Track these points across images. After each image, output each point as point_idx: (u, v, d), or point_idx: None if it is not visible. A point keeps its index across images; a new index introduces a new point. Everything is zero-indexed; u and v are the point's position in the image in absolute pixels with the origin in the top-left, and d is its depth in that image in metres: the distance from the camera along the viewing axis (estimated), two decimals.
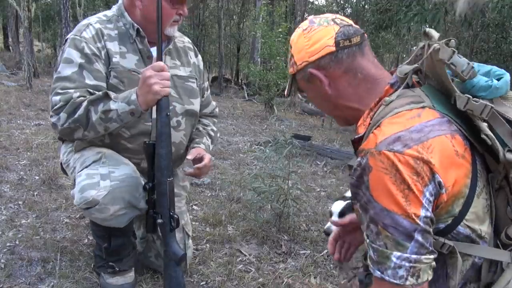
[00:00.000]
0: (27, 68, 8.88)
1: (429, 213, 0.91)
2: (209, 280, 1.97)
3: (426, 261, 0.91)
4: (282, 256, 2.28)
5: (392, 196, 0.90)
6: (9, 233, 2.20)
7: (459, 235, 0.97)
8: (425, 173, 0.90)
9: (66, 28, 5.40)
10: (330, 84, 1.07)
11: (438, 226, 0.97)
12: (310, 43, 1.06)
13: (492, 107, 0.94)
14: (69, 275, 1.84)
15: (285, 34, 9.05)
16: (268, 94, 8.95)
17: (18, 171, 3.26)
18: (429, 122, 0.95)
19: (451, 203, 0.94)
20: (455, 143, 0.95)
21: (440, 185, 0.90)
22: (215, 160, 4.35)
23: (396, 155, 0.90)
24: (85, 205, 1.54)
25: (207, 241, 2.36)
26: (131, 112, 1.51)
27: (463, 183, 0.94)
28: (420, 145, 0.91)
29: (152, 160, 1.50)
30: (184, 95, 1.83)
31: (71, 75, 1.59)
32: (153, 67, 1.47)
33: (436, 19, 7.65)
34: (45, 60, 16.33)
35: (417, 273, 0.91)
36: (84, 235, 2.26)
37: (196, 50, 2.00)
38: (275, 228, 2.55)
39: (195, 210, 2.82)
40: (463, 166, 0.95)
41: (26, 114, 5.88)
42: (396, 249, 0.91)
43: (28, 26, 9.30)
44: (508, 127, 0.95)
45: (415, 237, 0.90)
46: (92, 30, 1.66)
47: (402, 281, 0.91)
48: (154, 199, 1.53)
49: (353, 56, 1.05)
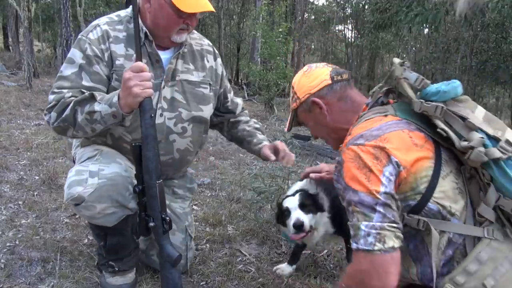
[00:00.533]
0: (27, 68, 8.88)
1: (388, 189, 1.13)
2: (209, 280, 1.96)
3: (389, 228, 1.12)
4: (282, 256, 2.28)
5: (358, 179, 1.15)
6: (9, 233, 2.20)
7: (430, 212, 1.16)
8: (383, 157, 1.15)
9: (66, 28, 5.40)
10: (327, 110, 1.37)
11: (408, 203, 1.17)
12: (310, 80, 1.40)
13: (443, 107, 1.18)
14: (69, 275, 1.84)
15: (285, 34, 9.05)
16: (268, 94, 8.94)
17: (18, 171, 3.26)
18: (388, 123, 1.21)
19: (413, 180, 1.15)
20: (413, 136, 1.19)
21: (398, 165, 1.14)
22: (215, 160, 4.35)
23: (359, 147, 1.18)
24: (72, 201, 1.54)
25: (207, 241, 2.36)
26: (113, 115, 1.50)
27: (423, 164, 1.16)
28: (378, 138, 1.17)
29: (140, 162, 1.48)
30: (193, 101, 1.81)
31: (70, 75, 1.61)
32: (132, 68, 1.44)
33: (437, 19, 7.65)
34: (45, 60, 16.32)
35: (383, 239, 1.11)
36: (84, 235, 2.26)
37: (216, 53, 1.96)
38: (275, 228, 2.55)
39: (195, 210, 2.82)
40: (422, 152, 1.17)
41: (26, 114, 5.88)
42: (364, 220, 1.13)
43: (28, 26, 9.29)
44: (461, 121, 1.17)
45: (377, 209, 1.12)
46: (98, 31, 1.66)
47: (372, 247, 1.11)
48: (145, 202, 1.50)
49: (344, 87, 1.39)
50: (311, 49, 19.76)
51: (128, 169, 1.65)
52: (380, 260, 1.11)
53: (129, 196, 1.60)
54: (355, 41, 16.92)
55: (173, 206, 1.95)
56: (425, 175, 1.16)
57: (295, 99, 1.44)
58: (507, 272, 1.11)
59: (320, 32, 17.88)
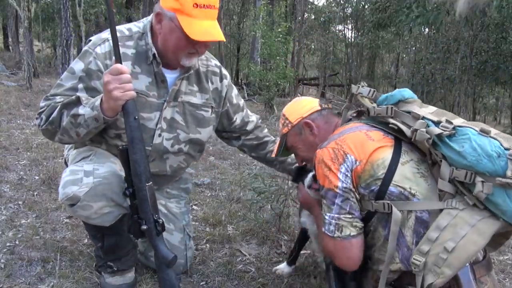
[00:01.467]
0: (27, 68, 8.87)
1: (345, 184, 1.34)
2: (209, 280, 1.97)
3: (344, 219, 1.36)
4: (282, 256, 2.28)
5: (322, 177, 1.39)
6: (9, 233, 2.20)
7: (392, 194, 1.32)
8: (340, 156, 1.36)
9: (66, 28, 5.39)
10: (317, 131, 1.59)
11: (371, 189, 1.34)
12: (301, 106, 1.65)
13: (393, 107, 1.39)
14: (69, 275, 1.84)
15: (285, 34, 9.04)
16: (268, 94, 8.93)
17: (18, 171, 3.26)
18: (349, 128, 1.45)
19: (370, 168, 1.33)
20: (370, 133, 1.39)
21: (353, 161, 1.35)
22: (215, 160, 4.35)
23: (322, 150, 1.41)
24: (67, 201, 1.54)
25: (207, 241, 2.36)
26: (95, 118, 1.49)
27: (380, 154, 1.34)
28: (337, 139, 1.39)
29: (128, 165, 1.47)
30: (192, 123, 1.79)
31: (67, 85, 1.60)
32: (111, 71, 1.41)
33: (438, 20, 7.65)
34: (45, 60, 16.31)
35: (340, 228, 1.36)
36: (84, 235, 2.26)
37: (222, 74, 1.91)
38: (275, 228, 2.55)
39: (195, 210, 2.82)
40: (379, 144, 1.36)
41: (26, 114, 5.87)
42: (327, 211, 1.39)
43: (28, 26, 9.28)
44: (409, 115, 1.36)
45: (336, 202, 1.36)
46: (107, 46, 1.63)
47: (332, 234, 1.37)
48: (136, 204, 1.50)
49: (329, 113, 1.64)
50: (311, 49, 19.74)
51: (122, 169, 1.64)
52: (341, 245, 1.37)
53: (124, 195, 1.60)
54: (355, 40, 16.91)
55: (169, 205, 1.95)
56: (381, 162, 1.33)
57: (286, 124, 1.65)
58: (467, 234, 1.21)
59: (320, 32, 17.87)
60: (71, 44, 5.47)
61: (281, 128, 1.68)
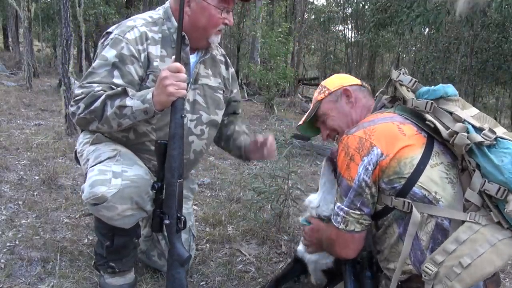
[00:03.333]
0: (27, 68, 8.88)
1: (362, 177, 1.29)
2: (209, 280, 1.97)
3: (353, 215, 1.32)
4: (282, 256, 2.28)
5: (342, 165, 1.33)
6: (9, 233, 2.20)
7: (415, 196, 1.26)
8: (365, 147, 1.29)
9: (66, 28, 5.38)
10: (354, 101, 1.54)
11: (394, 186, 1.28)
12: (343, 77, 1.63)
13: (433, 103, 1.30)
14: (69, 275, 1.84)
15: (285, 34, 9.05)
16: (268, 94, 8.94)
17: (18, 171, 3.26)
18: (382, 117, 1.36)
19: (396, 165, 1.27)
20: (403, 127, 1.31)
21: (379, 154, 1.27)
22: (215, 160, 4.35)
23: (348, 137, 1.34)
24: (93, 200, 1.53)
25: (207, 241, 2.36)
26: (145, 111, 1.52)
27: (409, 152, 1.27)
28: (366, 128, 1.32)
29: (162, 160, 1.50)
30: (212, 105, 1.86)
31: (101, 72, 1.62)
32: (170, 68, 1.46)
33: (438, 20, 7.64)
34: (45, 60, 16.31)
35: (346, 222, 1.34)
36: (84, 235, 2.26)
37: (227, 63, 1.99)
38: (275, 228, 2.55)
39: (195, 210, 2.82)
40: (410, 140, 1.28)
41: (26, 114, 5.88)
42: (338, 201, 1.36)
43: (28, 26, 9.30)
44: (449, 115, 1.28)
45: (348, 194, 1.32)
46: (136, 32, 1.67)
47: (338, 225, 1.36)
48: (161, 199, 1.52)
49: (368, 92, 1.60)
50: (311, 49, 19.75)
51: (149, 173, 1.66)
52: (343, 236, 1.36)
53: (148, 199, 1.60)
54: (355, 39, 16.92)
55: None
56: (409, 161, 1.26)
57: (323, 91, 1.60)
58: (485, 253, 1.16)
59: (320, 32, 17.88)
60: (71, 44, 5.45)
61: (316, 96, 1.62)
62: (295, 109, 11.26)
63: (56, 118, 5.67)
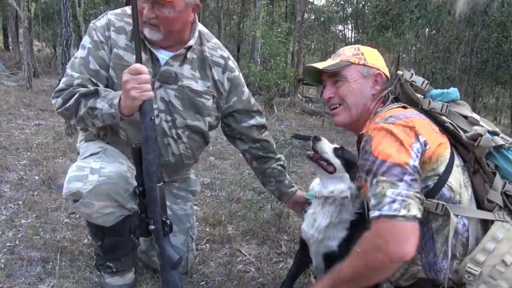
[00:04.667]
0: (27, 68, 8.89)
1: (416, 163, 1.19)
2: (209, 280, 1.96)
3: (414, 197, 1.16)
4: (282, 256, 2.28)
5: (388, 151, 1.20)
6: (9, 233, 2.20)
7: (442, 197, 1.23)
8: (412, 135, 1.22)
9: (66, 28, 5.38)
10: (379, 90, 1.47)
11: (427, 184, 1.24)
12: (383, 63, 1.52)
13: (448, 105, 1.32)
14: (69, 275, 1.84)
15: (285, 34, 9.06)
16: (268, 94, 8.95)
17: (18, 171, 3.26)
18: (409, 112, 1.31)
19: (435, 161, 1.23)
20: (432, 125, 1.29)
21: (424, 144, 1.22)
22: (215, 160, 4.35)
23: (390, 125, 1.24)
24: (70, 196, 1.54)
25: (207, 241, 2.36)
26: (112, 115, 1.50)
27: (444, 150, 1.25)
28: (406, 119, 1.25)
29: (140, 164, 1.46)
30: (190, 109, 1.75)
31: (80, 58, 1.65)
32: (130, 70, 1.41)
33: (439, 21, 7.65)
34: (45, 60, 16.30)
35: (408, 206, 1.15)
36: (84, 235, 2.26)
37: (227, 67, 1.85)
38: (275, 228, 2.55)
39: (195, 210, 2.82)
40: (443, 138, 1.27)
41: (26, 114, 5.88)
42: (390, 187, 1.17)
43: (28, 26, 9.30)
44: (464, 119, 1.32)
45: (404, 178, 1.17)
46: (104, 20, 1.70)
47: (396, 212, 1.14)
48: (145, 204, 1.49)
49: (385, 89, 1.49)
50: (311, 49, 19.75)
51: (130, 170, 1.64)
52: (402, 227, 1.14)
53: (128, 197, 1.59)
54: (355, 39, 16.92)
55: (174, 208, 1.94)
56: (444, 159, 1.24)
57: (359, 58, 1.47)
58: None
59: (320, 32, 17.88)
60: (71, 44, 5.47)
61: (350, 56, 1.48)
62: (295, 109, 11.27)
63: (56, 118, 5.67)
